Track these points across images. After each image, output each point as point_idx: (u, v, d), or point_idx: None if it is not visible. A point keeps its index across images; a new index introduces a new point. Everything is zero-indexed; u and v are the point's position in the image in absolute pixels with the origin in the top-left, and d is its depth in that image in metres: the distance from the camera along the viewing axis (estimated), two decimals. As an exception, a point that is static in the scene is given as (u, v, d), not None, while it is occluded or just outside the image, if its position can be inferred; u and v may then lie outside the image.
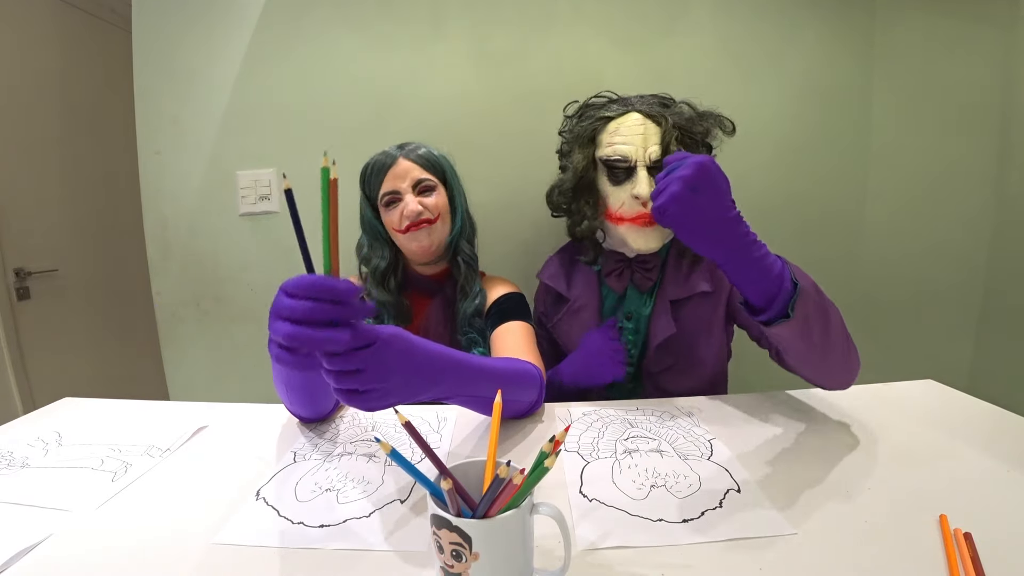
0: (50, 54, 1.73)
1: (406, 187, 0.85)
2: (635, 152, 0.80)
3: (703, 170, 0.52)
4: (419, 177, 0.86)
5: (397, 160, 0.86)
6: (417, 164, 0.86)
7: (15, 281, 1.63)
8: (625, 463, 0.59)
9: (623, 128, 0.82)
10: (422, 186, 0.86)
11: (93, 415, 0.77)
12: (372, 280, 0.91)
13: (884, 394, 0.76)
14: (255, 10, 1.20)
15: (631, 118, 0.83)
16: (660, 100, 0.86)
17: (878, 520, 0.47)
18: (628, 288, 0.90)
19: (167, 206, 1.28)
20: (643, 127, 0.81)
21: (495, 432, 0.43)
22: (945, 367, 1.33)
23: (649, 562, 0.43)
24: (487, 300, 0.90)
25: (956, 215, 1.31)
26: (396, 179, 0.85)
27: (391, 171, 0.86)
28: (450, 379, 0.54)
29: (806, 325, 0.57)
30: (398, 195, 0.86)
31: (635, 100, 0.86)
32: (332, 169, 0.42)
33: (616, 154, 0.82)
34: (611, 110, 0.85)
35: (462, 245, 0.92)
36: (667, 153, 0.80)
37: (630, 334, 0.90)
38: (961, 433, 0.64)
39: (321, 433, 0.69)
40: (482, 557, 0.36)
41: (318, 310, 0.41)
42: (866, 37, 1.23)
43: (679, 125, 0.81)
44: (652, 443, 0.64)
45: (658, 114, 0.82)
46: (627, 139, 0.81)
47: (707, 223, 0.54)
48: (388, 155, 0.87)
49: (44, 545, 0.47)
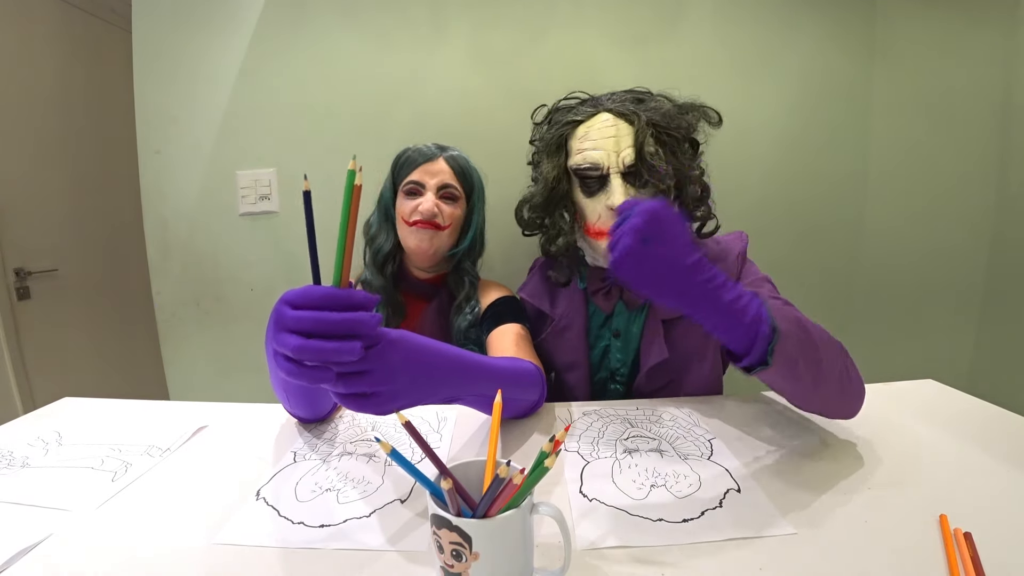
0: (50, 54, 1.73)
1: (432, 185, 0.86)
2: (606, 158, 0.73)
3: (653, 218, 0.49)
4: (448, 182, 0.87)
5: (436, 158, 0.87)
6: (452, 169, 0.87)
7: (15, 281, 1.63)
8: (625, 463, 0.59)
9: (592, 132, 0.75)
10: (447, 191, 0.87)
11: (93, 415, 0.77)
12: (372, 263, 0.92)
13: (884, 394, 0.76)
14: (255, 10, 1.20)
15: (600, 119, 0.75)
16: (634, 95, 0.78)
17: (878, 520, 0.47)
18: (617, 305, 0.84)
19: (167, 206, 1.28)
20: (614, 128, 0.73)
21: (495, 432, 0.43)
22: (945, 367, 1.33)
23: (649, 562, 0.43)
24: (481, 309, 0.89)
25: (956, 215, 1.31)
26: (427, 174, 0.86)
27: (426, 165, 0.86)
28: (457, 379, 0.53)
29: (791, 367, 0.53)
30: (421, 188, 0.86)
31: (605, 99, 0.78)
32: (358, 175, 0.40)
33: (586, 162, 0.74)
34: (579, 112, 0.77)
35: (465, 264, 0.92)
36: (642, 155, 0.72)
37: (618, 352, 0.84)
38: (961, 433, 0.64)
39: (321, 433, 0.69)
40: (482, 557, 0.36)
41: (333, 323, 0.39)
42: (866, 37, 1.23)
43: (654, 122, 0.73)
44: (652, 443, 0.64)
45: (630, 112, 0.74)
46: (597, 143, 0.74)
47: (665, 274, 0.50)
48: (430, 150, 0.88)
49: (44, 545, 0.47)
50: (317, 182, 1.25)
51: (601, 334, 0.86)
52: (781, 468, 0.57)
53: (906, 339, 1.35)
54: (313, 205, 0.42)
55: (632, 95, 0.78)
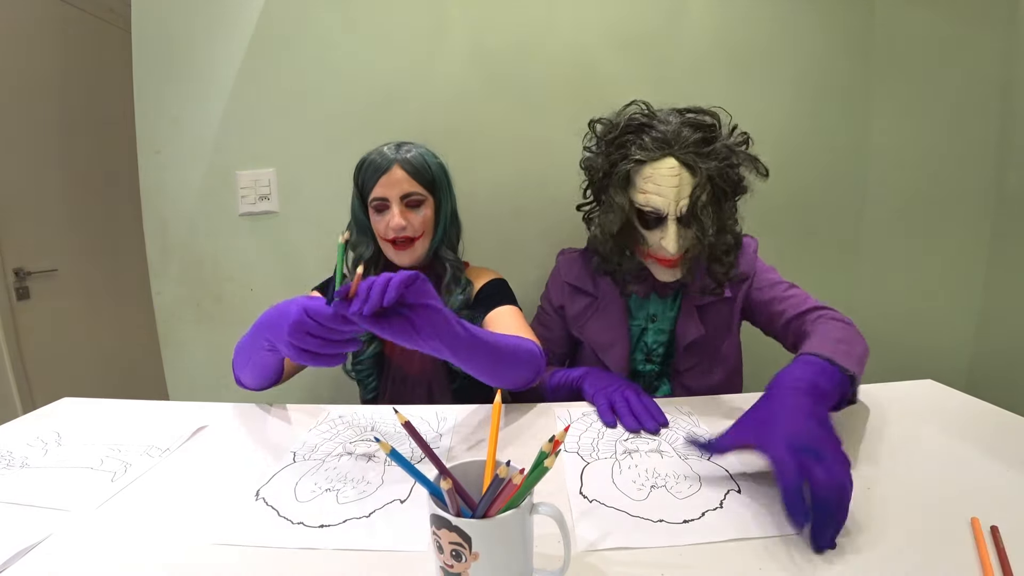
0: (50, 54, 1.73)
1: (394, 196, 0.86)
2: (667, 205, 0.78)
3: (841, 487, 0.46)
4: (407, 190, 0.87)
5: (392, 167, 0.86)
6: (409, 175, 0.87)
7: (15, 281, 1.63)
8: (625, 463, 0.59)
9: (657, 176, 0.78)
10: (410, 200, 0.87)
11: (93, 415, 0.77)
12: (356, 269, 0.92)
13: (884, 394, 0.76)
14: (255, 10, 1.20)
15: (666, 166, 0.78)
16: (702, 136, 0.79)
17: (878, 520, 0.47)
18: (651, 293, 0.93)
19: (167, 206, 1.28)
20: (678, 178, 0.78)
21: (495, 432, 0.43)
22: (945, 367, 1.33)
23: (649, 562, 0.43)
24: (472, 290, 0.93)
25: (956, 215, 1.31)
26: (387, 187, 0.86)
27: (384, 178, 0.86)
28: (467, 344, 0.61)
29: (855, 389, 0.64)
30: (387, 202, 0.87)
31: (672, 136, 0.79)
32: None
33: (649, 204, 0.80)
34: (646, 149, 0.79)
35: (443, 252, 0.93)
36: (695, 209, 0.77)
37: (655, 334, 0.93)
38: (961, 433, 0.64)
39: (321, 433, 0.69)
40: (482, 557, 0.36)
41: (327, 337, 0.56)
42: (866, 37, 1.23)
43: (711, 176, 0.78)
44: (652, 443, 0.64)
45: (694, 164, 0.77)
46: (661, 190, 0.78)
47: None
48: (384, 158, 0.87)
49: (44, 545, 0.47)
50: (318, 181, 1.25)
51: (637, 316, 0.95)
52: (781, 468, 0.57)
53: (906, 339, 1.35)
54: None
55: (699, 134, 0.79)
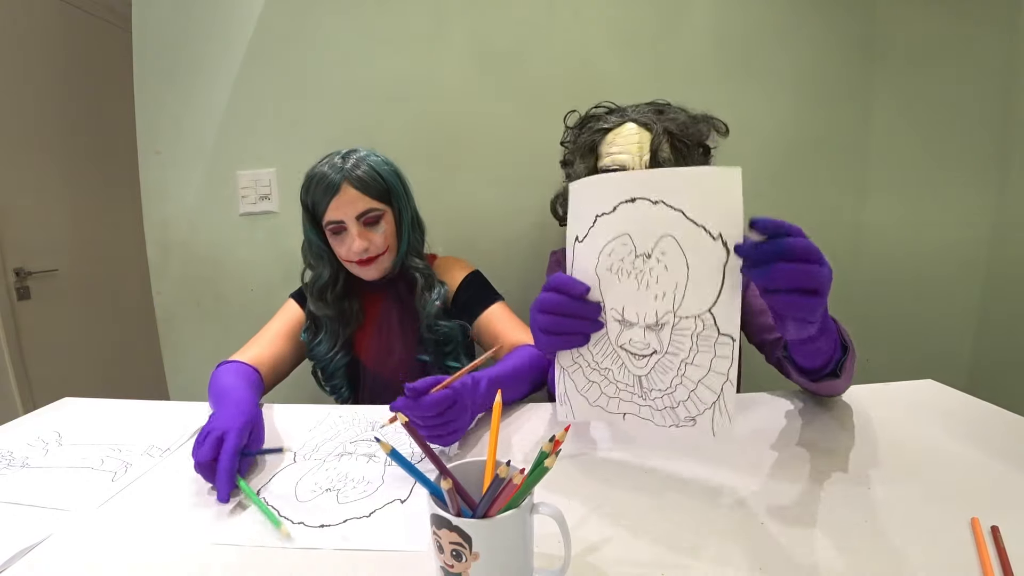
0: (50, 54, 1.73)
1: (350, 217, 0.82)
2: (632, 160, 0.84)
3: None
4: (363, 208, 0.83)
5: (341, 187, 0.81)
6: (361, 192, 0.82)
7: (15, 281, 1.63)
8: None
9: (619, 138, 0.86)
10: (367, 217, 0.83)
11: (93, 415, 0.77)
12: (311, 295, 0.90)
13: (884, 394, 0.76)
14: (255, 10, 1.20)
15: (626, 128, 0.86)
16: (655, 107, 0.89)
17: (877, 520, 0.47)
18: None
19: (167, 206, 1.28)
20: (638, 136, 0.85)
21: (495, 432, 0.43)
22: (945, 367, 1.33)
23: (649, 562, 0.43)
24: (448, 290, 0.92)
25: (956, 215, 1.31)
26: (339, 210, 0.82)
27: (335, 200, 0.81)
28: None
29: (847, 377, 0.63)
30: (343, 224, 0.83)
31: (630, 110, 0.89)
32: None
33: (614, 164, 0.85)
34: (608, 121, 0.88)
35: (410, 261, 0.90)
36: (657, 159, 0.83)
37: None
38: (961, 433, 0.64)
39: (321, 433, 0.69)
40: (482, 557, 0.36)
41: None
42: (866, 37, 1.23)
43: (670, 131, 0.84)
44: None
45: (651, 121, 0.85)
46: (623, 148, 0.85)
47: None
48: (332, 178, 0.81)
49: (44, 545, 0.47)
50: (317, 182, 1.25)
51: None
52: (780, 468, 0.57)
53: (906, 339, 1.35)
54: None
55: (653, 107, 0.89)
